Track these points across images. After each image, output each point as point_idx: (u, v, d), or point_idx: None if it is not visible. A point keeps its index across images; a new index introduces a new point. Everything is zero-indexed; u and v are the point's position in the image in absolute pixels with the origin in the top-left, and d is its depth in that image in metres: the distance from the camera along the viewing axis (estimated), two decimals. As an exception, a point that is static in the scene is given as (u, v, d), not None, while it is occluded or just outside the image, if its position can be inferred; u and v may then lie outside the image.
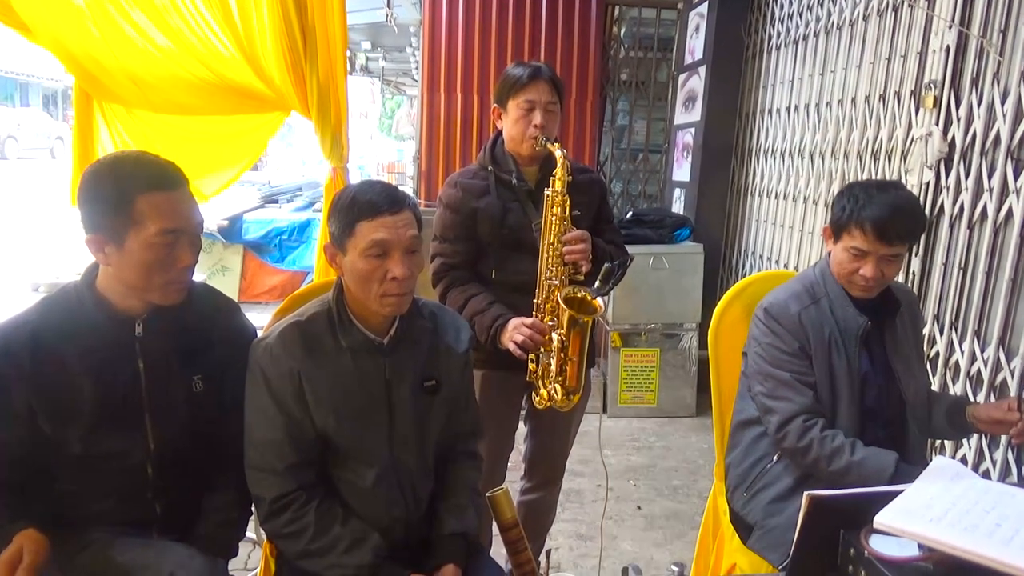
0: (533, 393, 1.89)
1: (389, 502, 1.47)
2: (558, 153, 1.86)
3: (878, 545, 0.89)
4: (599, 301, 1.79)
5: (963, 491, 0.95)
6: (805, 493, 0.93)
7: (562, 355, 1.81)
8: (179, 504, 1.45)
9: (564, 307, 1.78)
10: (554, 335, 1.82)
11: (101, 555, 1.33)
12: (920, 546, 0.88)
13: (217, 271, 5.62)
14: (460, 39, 4.74)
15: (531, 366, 1.89)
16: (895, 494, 0.95)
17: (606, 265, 1.80)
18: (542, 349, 1.84)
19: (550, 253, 1.85)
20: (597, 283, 1.79)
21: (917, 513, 0.89)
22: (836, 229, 1.66)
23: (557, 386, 1.83)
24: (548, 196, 1.86)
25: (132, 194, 1.28)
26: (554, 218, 1.84)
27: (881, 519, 0.89)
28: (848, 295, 1.67)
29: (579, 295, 1.82)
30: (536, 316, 1.87)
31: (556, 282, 1.84)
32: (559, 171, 1.85)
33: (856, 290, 1.66)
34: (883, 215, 1.56)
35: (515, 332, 1.80)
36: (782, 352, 1.66)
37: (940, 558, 0.86)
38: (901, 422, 1.70)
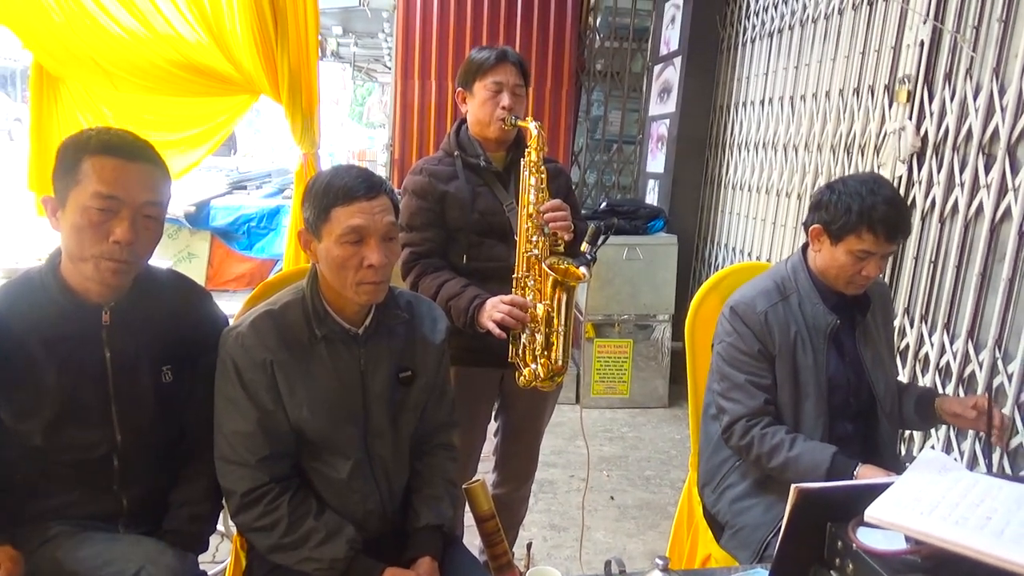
0: (516, 374, 1.82)
1: (364, 494, 1.44)
2: (532, 125, 1.83)
3: (866, 538, 0.88)
4: (583, 270, 1.74)
5: (952, 484, 0.95)
6: (792, 486, 0.92)
7: (547, 328, 1.75)
8: (147, 497, 1.40)
9: (548, 272, 1.73)
10: (539, 306, 1.75)
11: (63, 549, 1.27)
12: (908, 538, 0.88)
13: (183, 258, 5.50)
14: (435, 25, 4.68)
15: (511, 345, 1.82)
16: (883, 487, 0.94)
17: (592, 225, 1.75)
18: (523, 326, 1.76)
19: (529, 224, 1.79)
20: (584, 244, 1.74)
21: (908, 506, 0.89)
22: (838, 232, 1.57)
23: (542, 361, 1.76)
24: (524, 166, 1.82)
25: (82, 154, 1.24)
26: (531, 188, 1.80)
27: (872, 512, 0.88)
28: (818, 292, 1.66)
29: (563, 265, 1.77)
30: (516, 292, 1.80)
31: (537, 252, 1.78)
32: (534, 142, 1.82)
33: (853, 289, 1.63)
34: (892, 215, 1.52)
35: (493, 310, 1.73)
36: (740, 352, 1.65)
37: (929, 551, 0.85)
38: (871, 416, 1.71)
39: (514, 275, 1.81)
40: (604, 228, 1.76)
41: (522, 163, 1.83)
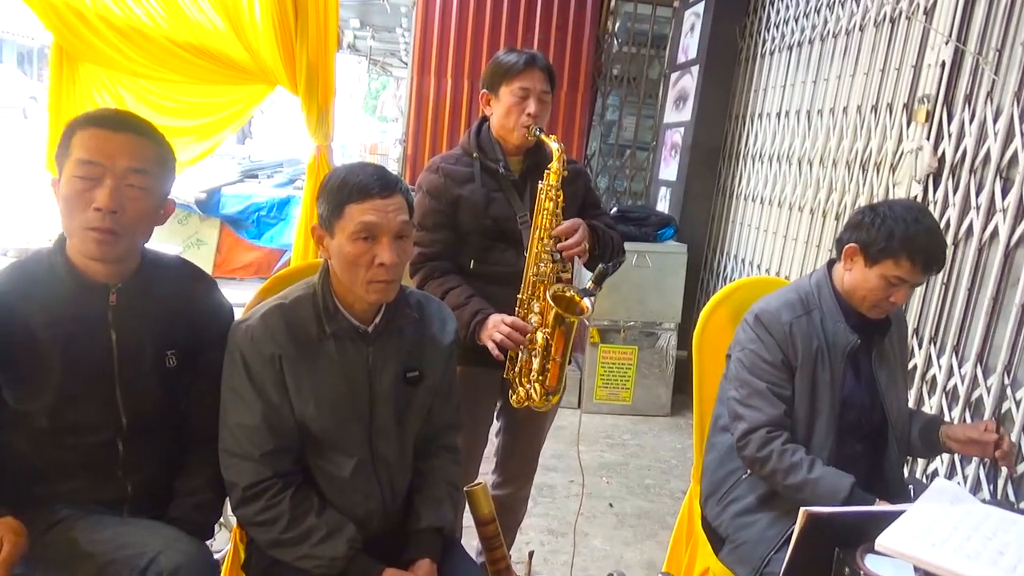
0: (510, 391, 1.84)
1: (366, 493, 1.43)
2: (555, 146, 1.81)
3: (874, 566, 0.87)
4: (587, 302, 1.74)
5: (964, 515, 0.94)
6: (802, 509, 0.91)
7: (545, 355, 1.76)
8: (150, 483, 1.39)
9: (552, 304, 1.73)
10: (539, 334, 1.77)
11: (76, 531, 1.26)
12: (917, 569, 0.87)
13: (192, 244, 5.50)
14: (453, 23, 4.68)
15: (508, 364, 1.83)
16: (893, 514, 0.93)
17: (600, 266, 1.75)
18: (522, 347, 1.78)
19: (539, 248, 1.79)
20: (590, 284, 1.74)
21: (919, 536, 0.88)
22: (876, 254, 1.56)
23: (536, 385, 1.78)
24: (542, 189, 1.81)
25: (74, 130, 1.26)
26: (546, 212, 1.79)
27: (883, 541, 0.87)
28: (841, 311, 1.65)
29: (567, 294, 1.77)
30: (519, 313, 1.82)
31: (543, 279, 1.79)
32: (555, 165, 1.81)
33: (877, 313, 1.62)
34: (932, 246, 1.52)
35: (494, 330, 1.75)
36: (763, 361, 1.64)
37: (938, 582, 0.84)
38: (880, 438, 1.70)
39: (519, 295, 1.82)
40: (610, 268, 1.77)
41: (540, 185, 1.82)
